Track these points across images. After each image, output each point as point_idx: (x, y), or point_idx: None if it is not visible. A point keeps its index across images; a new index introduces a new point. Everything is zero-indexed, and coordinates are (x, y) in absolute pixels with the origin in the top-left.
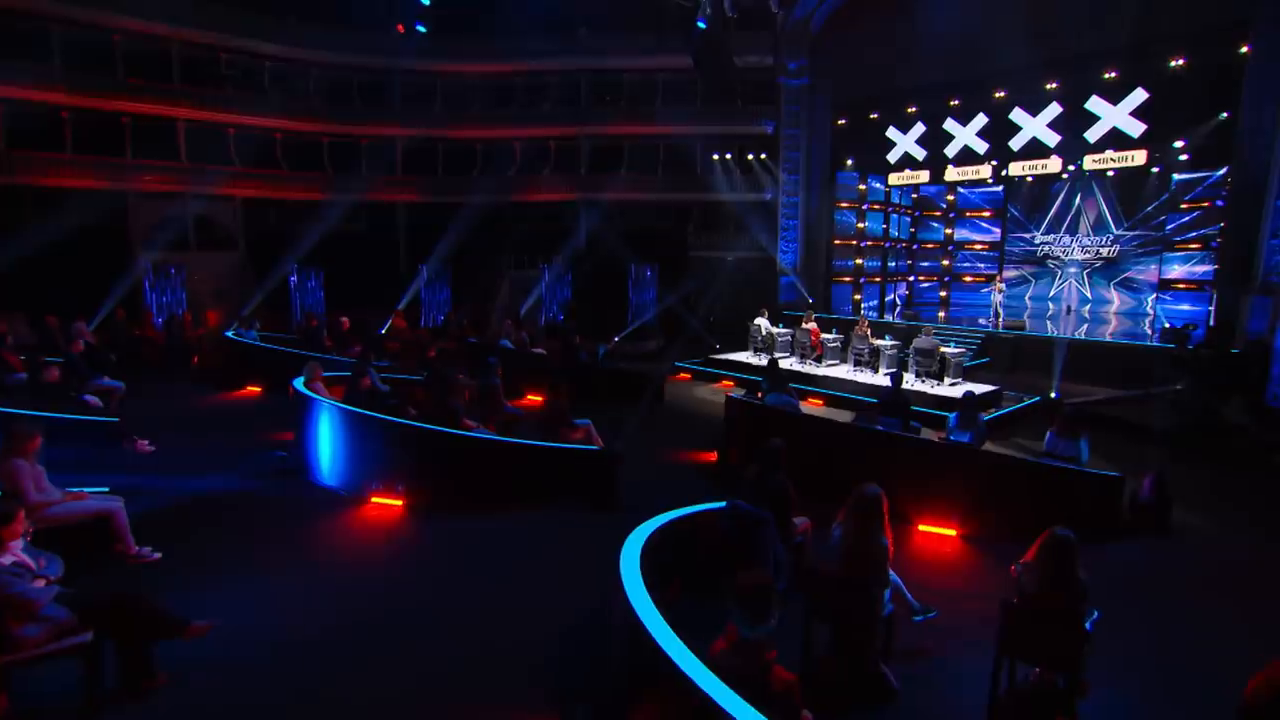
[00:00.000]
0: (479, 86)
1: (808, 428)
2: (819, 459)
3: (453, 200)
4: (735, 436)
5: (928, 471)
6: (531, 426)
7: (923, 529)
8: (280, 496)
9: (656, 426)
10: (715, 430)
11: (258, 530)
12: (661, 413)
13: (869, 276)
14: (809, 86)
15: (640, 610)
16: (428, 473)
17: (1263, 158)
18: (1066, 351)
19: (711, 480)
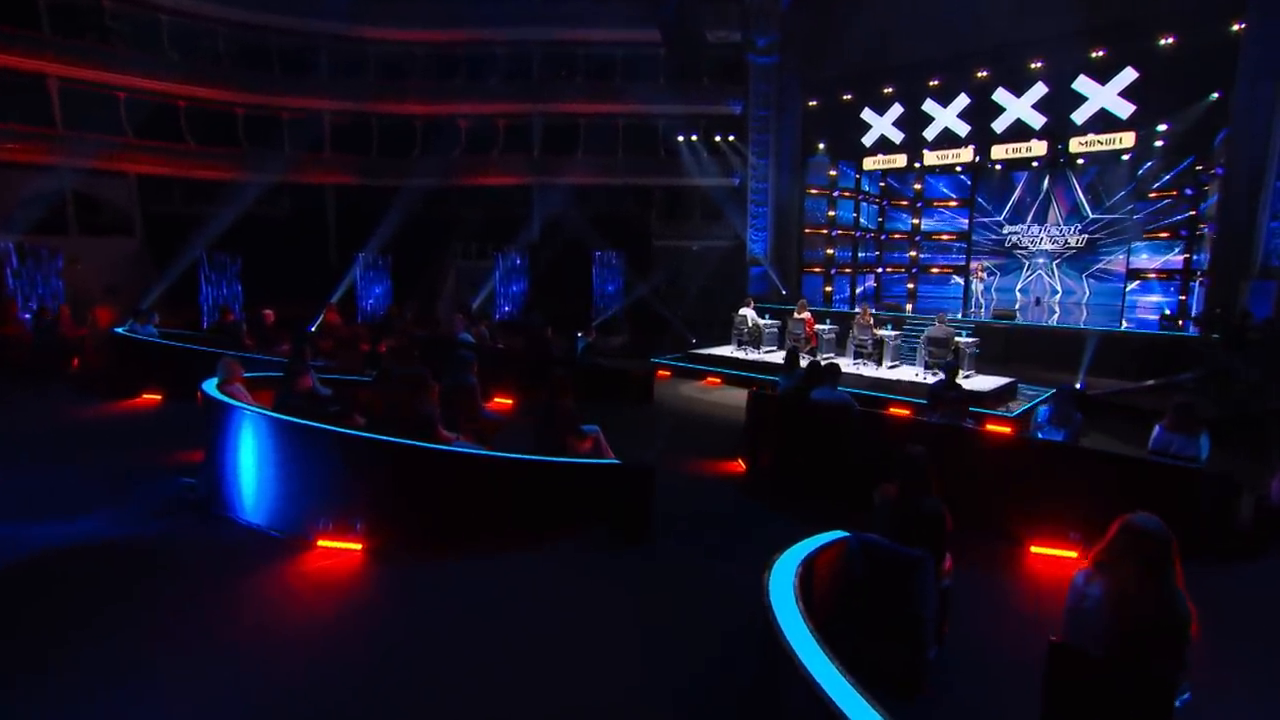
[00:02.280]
0: (418, 56)
1: (874, 430)
2: (884, 463)
3: (390, 183)
4: (765, 440)
5: (1036, 478)
6: (512, 434)
7: (1036, 551)
8: (187, 542)
9: (653, 431)
10: (722, 433)
11: (153, 596)
12: (652, 415)
13: (839, 267)
14: (779, 65)
15: None
16: (397, 503)
17: (1259, 137)
18: (1096, 342)
19: (745, 494)
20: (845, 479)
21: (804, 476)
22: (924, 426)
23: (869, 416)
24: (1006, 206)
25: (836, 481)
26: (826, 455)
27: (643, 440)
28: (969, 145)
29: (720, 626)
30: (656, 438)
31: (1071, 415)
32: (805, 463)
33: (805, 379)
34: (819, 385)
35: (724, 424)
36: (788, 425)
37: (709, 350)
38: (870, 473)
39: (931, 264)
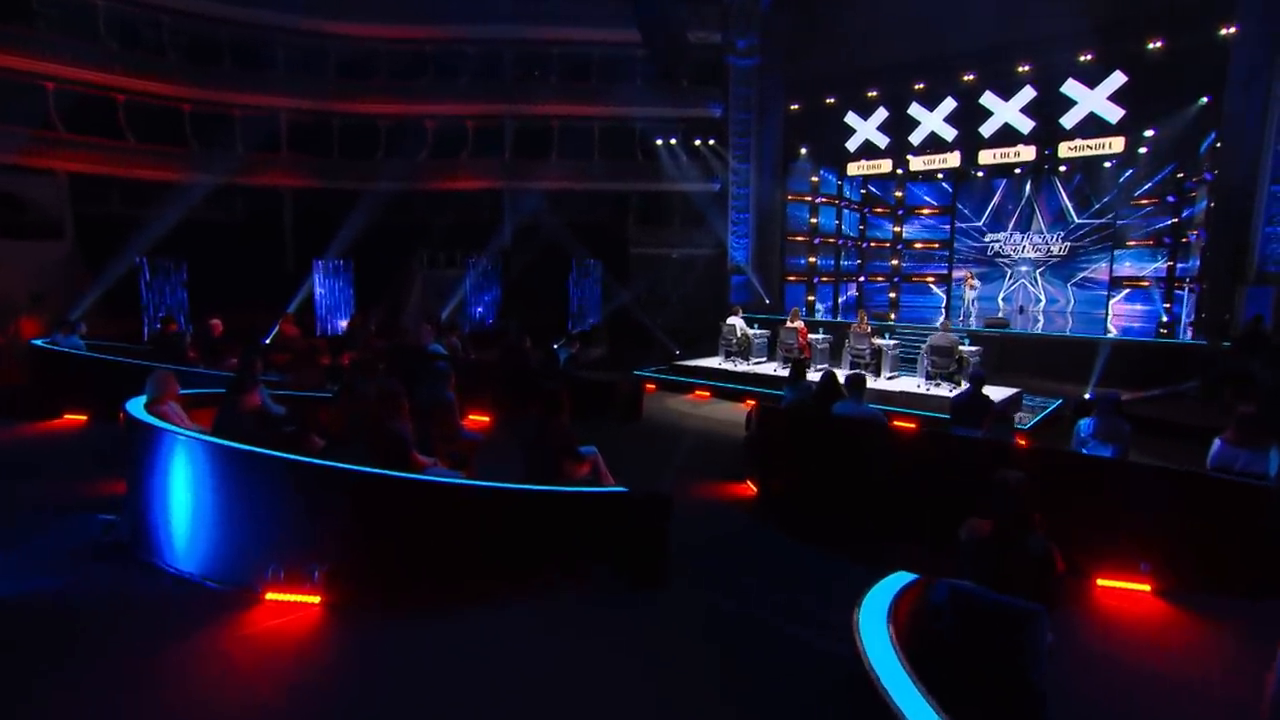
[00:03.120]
0: (382, 53)
1: (909, 449)
2: (925, 487)
3: (352, 186)
4: (778, 460)
5: (1096, 502)
6: (493, 457)
7: (1103, 584)
8: (102, 597)
9: (644, 450)
10: (721, 451)
11: (56, 666)
12: (642, 432)
13: (822, 276)
14: (760, 67)
15: None
16: (363, 544)
17: (1253, 142)
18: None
19: (759, 521)
20: (877, 505)
21: (827, 501)
22: (969, 445)
23: (902, 434)
24: (987, 212)
25: (867, 508)
26: (854, 478)
27: (634, 460)
28: (955, 150)
29: (766, 695)
30: (650, 457)
31: (1120, 427)
32: (829, 486)
33: (822, 392)
34: (835, 398)
35: (722, 441)
36: (805, 443)
37: (695, 362)
38: (909, 498)
39: (914, 273)
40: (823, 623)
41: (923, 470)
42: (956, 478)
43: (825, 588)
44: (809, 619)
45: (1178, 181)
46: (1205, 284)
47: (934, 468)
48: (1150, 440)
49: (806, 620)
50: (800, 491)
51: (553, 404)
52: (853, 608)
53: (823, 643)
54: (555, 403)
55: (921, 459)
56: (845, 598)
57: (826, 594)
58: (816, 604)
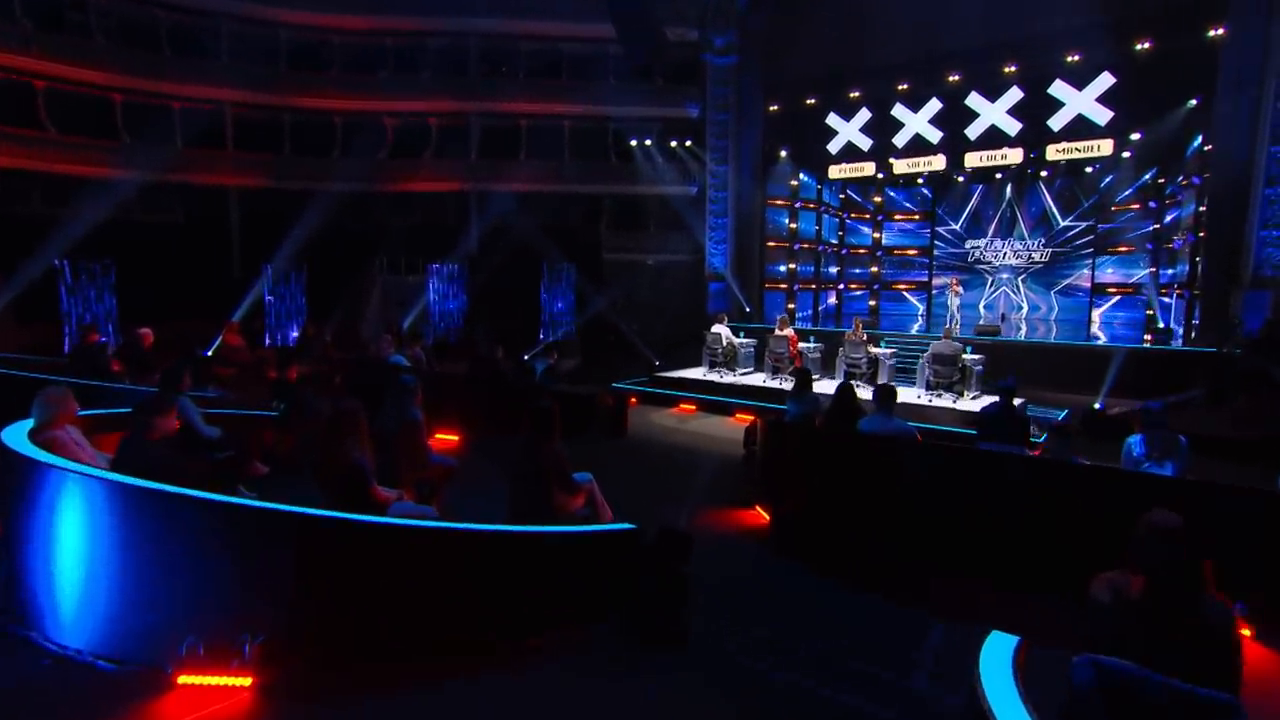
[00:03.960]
0: (337, 45)
1: (948, 467)
2: (974, 515)
3: (305, 186)
4: (792, 483)
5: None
6: (467, 485)
7: None
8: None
9: (633, 471)
10: (718, 472)
11: None
12: (628, 450)
13: (802, 283)
14: (738, 66)
15: None
16: (309, 606)
17: (1244, 144)
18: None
19: (776, 554)
20: (915, 535)
21: (855, 531)
22: (1027, 465)
23: (942, 452)
24: (964, 217)
25: (903, 538)
26: (886, 503)
27: (623, 484)
28: (941, 153)
29: None
30: (640, 480)
31: (1175, 442)
32: (856, 513)
33: (838, 406)
34: (853, 412)
35: (717, 460)
36: (825, 464)
37: (678, 373)
38: (954, 527)
39: (894, 280)
40: (879, 683)
41: (970, 494)
42: (1012, 503)
43: (870, 637)
44: (862, 682)
45: (1159, 187)
46: (1200, 289)
47: (983, 491)
48: None
49: (859, 683)
50: (821, 519)
51: (544, 424)
52: (909, 665)
53: (888, 716)
54: (546, 423)
55: (968, 481)
56: (896, 651)
57: (873, 646)
58: (864, 659)
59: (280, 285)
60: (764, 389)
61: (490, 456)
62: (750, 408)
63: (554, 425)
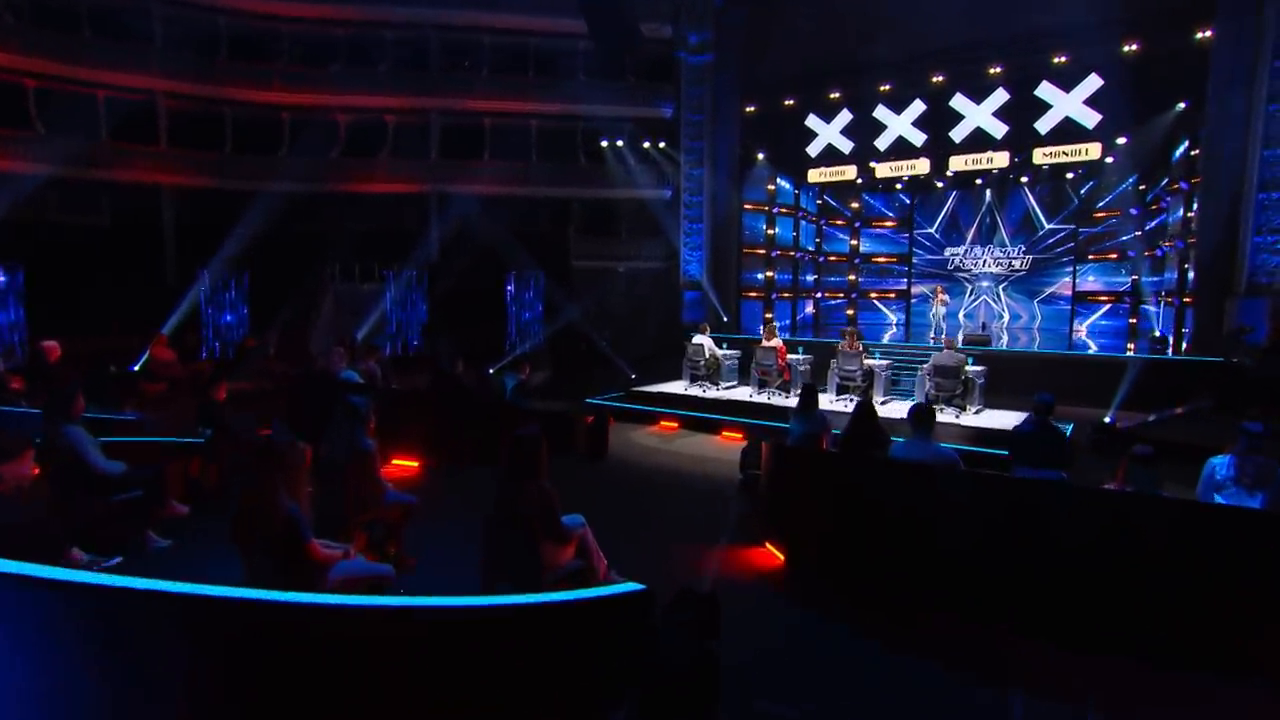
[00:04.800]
0: (285, 35)
1: (1001, 499)
2: (1038, 558)
3: (249, 186)
4: (811, 517)
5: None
6: (430, 527)
7: None
8: None
9: (618, 500)
10: (712, 500)
11: None
12: (609, 475)
13: (780, 292)
14: (714, 64)
15: None
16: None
17: (1235, 149)
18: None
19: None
20: (967, 583)
21: (895, 578)
22: (1116, 502)
23: (1004, 486)
24: (944, 224)
25: (954, 587)
26: (932, 545)
27: (607, 515)
28: (925, 156)
29: None
30: (626, 511)
31: (1272, 471)
32: (894, 557)
33: (858, 426)
34: (874, 434)
35: (710, 486)
36: (852, 497)
37: (656, 387)
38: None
39: (873, 288)
40: None
41: (1037, 535)
42: (1092, 546)
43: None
44: None
45: (1147, 191)
46: (1192, 296)
47: (1055, 532)
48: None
49: None
50: (850, 562)
51: (527, 459)
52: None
53: None
54: (530, 457)
55: (1034, 519)
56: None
57: None
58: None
59: (220, 293)
60: (751, 404)
61: (456, 487)
62: (738, 425)
63: (540, 459)
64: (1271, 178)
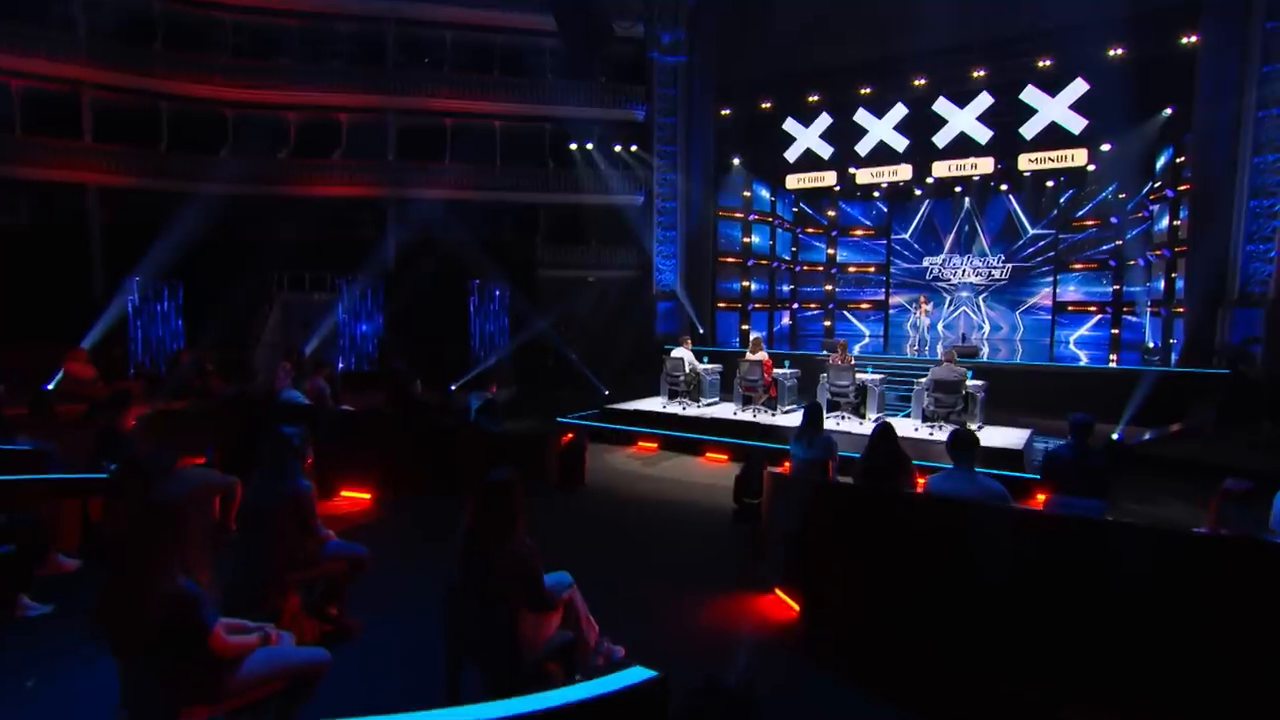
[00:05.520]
0: (228, 25)
1: (1070, 545)
2: (1118, 617)
3: (186, 187)
4: (828, 560)
5: None
6: (384, 580)
7: None
8: None
9: (599, 536)
10: (706, 535)
11: None
12: (587, 505)
13: (757, 302)
14: (687, 65)
15: None
16: None
17: (1225, 156)
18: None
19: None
20: (1031, 644)
21: (939, 638)
22: (1214, 548)
23: (1073, 526)
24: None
25: (1016, 649)
26: (983, 598)
27: (591, 558)
28: (907, 162)
29: None
30: (609, 551)
31: None
32: (938, 611)
33: (876, 453)
34: (897, 459)
35: (701, 519)
36: (881, 539)
37: (631, 404)
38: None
39: (850, 299)
40: None
41: (1110, 587)
42: (1181, 603)
43: None
44: None
45: (1130, 199)
46: (1184, 307)
47: (1131, 583)
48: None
49: None
50: (879, 615)
51: (501, 509)
52: None
53: None
54: (505, 507)
55: (1104, 567)
56: None
57: None
58: None
59: (151, 303)
60: (736, 422)
61: (413, 522)
62: (723, 445)
63: (515, 510)
64: (1262, 185)
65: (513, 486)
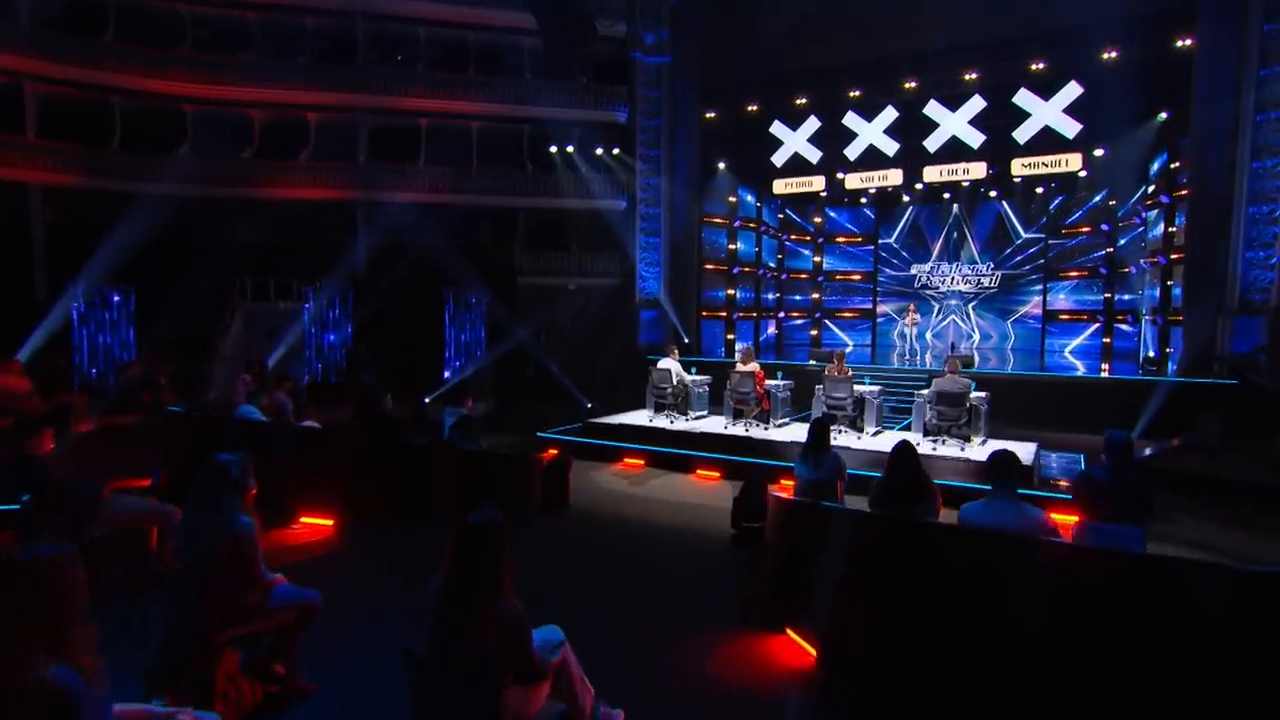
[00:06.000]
0: (186, 16)
1: (1117, 584)
2: (1203, 679)
3: (140, 188)
4: (845, 597)
5: None
6: (340, 622)
7: None
8: None
9: (584, 567)
10: (702, 565)
11: None
12: (571, 530)
13: (743, 311)
14: (671, 66)
15: None
16: None
17: (1222, 161)
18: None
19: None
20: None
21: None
22: None
23: (1119, 563)
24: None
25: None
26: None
27: (578, 595)
28: (898, 166)
29: None
30: (596, 586)
31: None
32: (973, 659)
33: (895, 476)
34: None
35: (697, 544)
36: (907, 574)
37: (616, 418)
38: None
39: (837, 307)
40: None
41: (1189, 636)
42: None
43: None
44: None
45: (1120, 206)
46: (1183, 315)
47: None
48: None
49: None
50: (908, 664)
51: (484, 564)
52: None
53: None
54: (490, 562)
55: (1178, 612)
56: None
57: None
58: None
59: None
60: (728, 437)
61: (380, 553)
62: (714, 462)
63: (502, 563)
64: (1262, 190)
65: (499, 532)
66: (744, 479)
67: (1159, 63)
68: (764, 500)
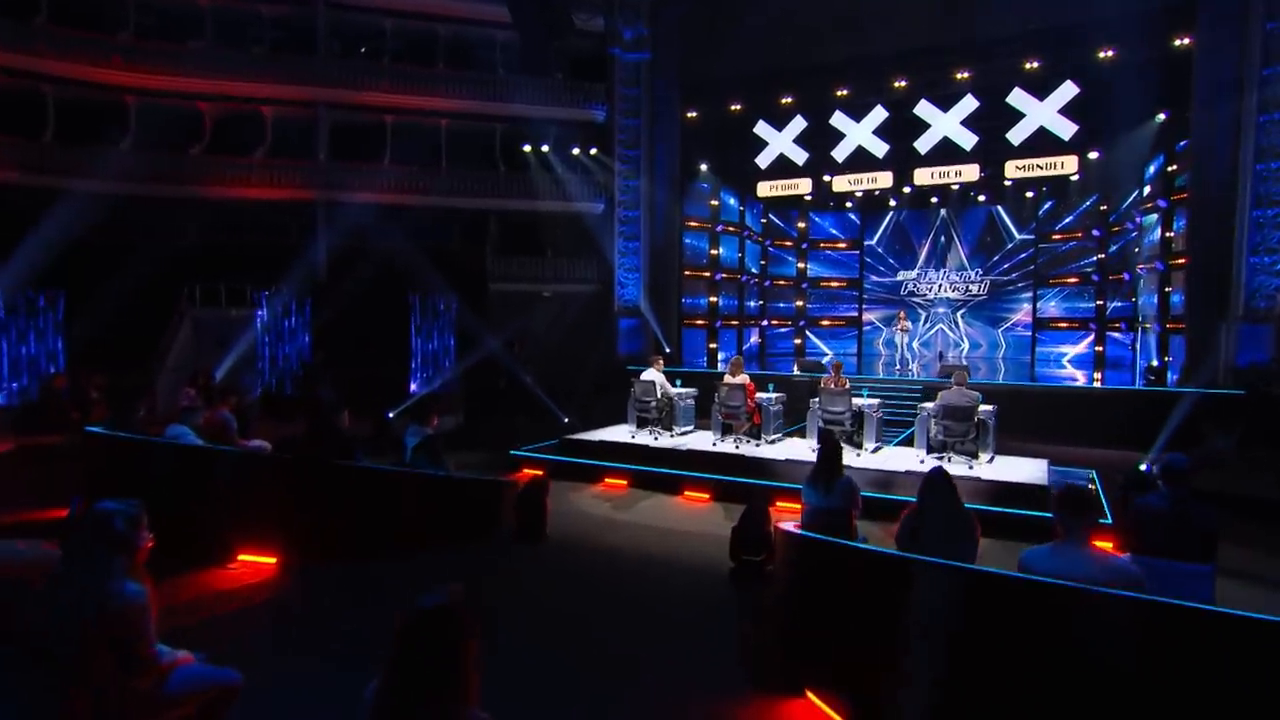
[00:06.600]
0: (128, 2)
1: (1230, 651)
2: None
3: (76, 184)
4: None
5: None
6: (270, 692)
7: None
8: None
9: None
10: (697, 605)
11: None
12: (549, 564)
13: (725, 319)
14: (651, 63)
15: None
16: None
17: (1223, 164)
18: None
19: None
20: None
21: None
22: None
23: (1232, 626)
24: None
25: None
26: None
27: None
28: (887, 169)
29: None
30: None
31: None
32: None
33: (941, 507)
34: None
35: (691, 582)
36: (959, 633)
37: (595, 434)
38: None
39: (822, 315)
40: None
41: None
42: None
43: None
44: None
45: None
46: (1185, 322)
47: None
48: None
49: None
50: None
51: (440, 658)
52: None
53: None
54: (447, 656)
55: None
56: None
57: None
58: None
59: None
60: (717, 455)
61: (330, 596)
62: (704, 482)
63: (463, 661)
64: (1266, 193)
65: (458, 621)
66: (741, 503)
67: (1157, 62)
68: (766, 530)
